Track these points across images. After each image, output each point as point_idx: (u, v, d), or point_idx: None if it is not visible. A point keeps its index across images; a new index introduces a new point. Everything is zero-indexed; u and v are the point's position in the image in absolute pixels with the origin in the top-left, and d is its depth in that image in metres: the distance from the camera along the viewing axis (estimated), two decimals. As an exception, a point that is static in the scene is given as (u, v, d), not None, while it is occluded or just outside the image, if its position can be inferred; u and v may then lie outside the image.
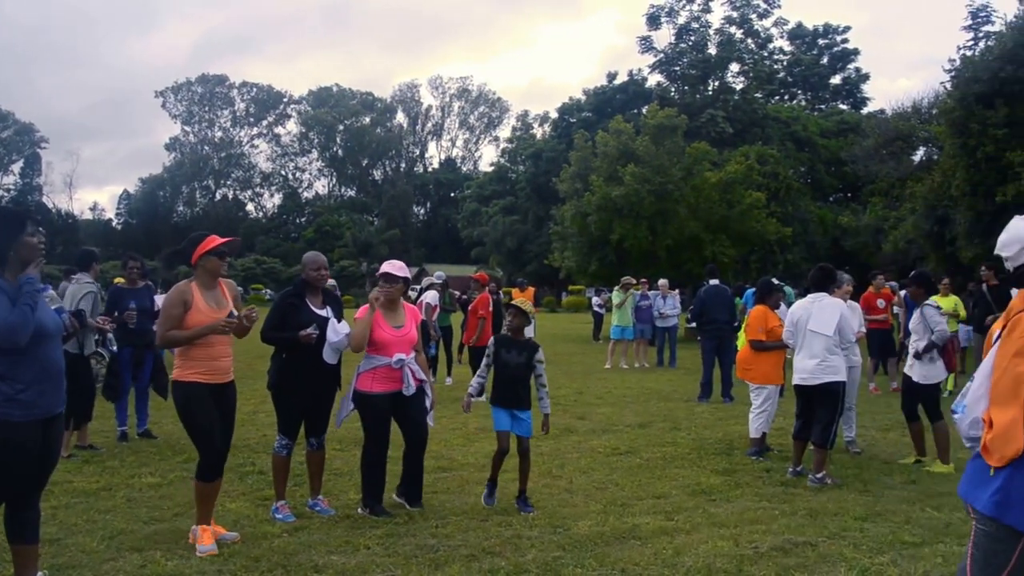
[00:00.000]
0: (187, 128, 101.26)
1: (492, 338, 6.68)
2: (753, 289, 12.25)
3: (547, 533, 5.87)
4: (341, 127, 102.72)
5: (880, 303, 14.12)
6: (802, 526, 6.05)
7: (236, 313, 5.47)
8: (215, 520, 5.74)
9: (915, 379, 8.28)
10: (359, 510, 6.33)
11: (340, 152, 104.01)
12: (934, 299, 13.67)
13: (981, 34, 34.22)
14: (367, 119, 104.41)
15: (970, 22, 42.26)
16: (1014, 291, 12.24)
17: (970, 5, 34.43)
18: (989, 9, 41.21)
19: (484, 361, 6.61)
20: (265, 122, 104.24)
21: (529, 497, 6.48)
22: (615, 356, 18.08)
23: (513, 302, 6.64)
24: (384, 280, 6.37)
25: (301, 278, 6.39)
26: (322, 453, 6.55)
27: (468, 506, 6.54)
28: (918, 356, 8.20)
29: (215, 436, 5.50)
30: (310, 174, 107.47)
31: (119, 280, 12.25)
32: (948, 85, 25.51)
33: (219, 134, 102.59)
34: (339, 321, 6.28)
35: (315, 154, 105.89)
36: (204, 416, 5.44)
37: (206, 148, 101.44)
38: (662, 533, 5.87)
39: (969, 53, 25.56)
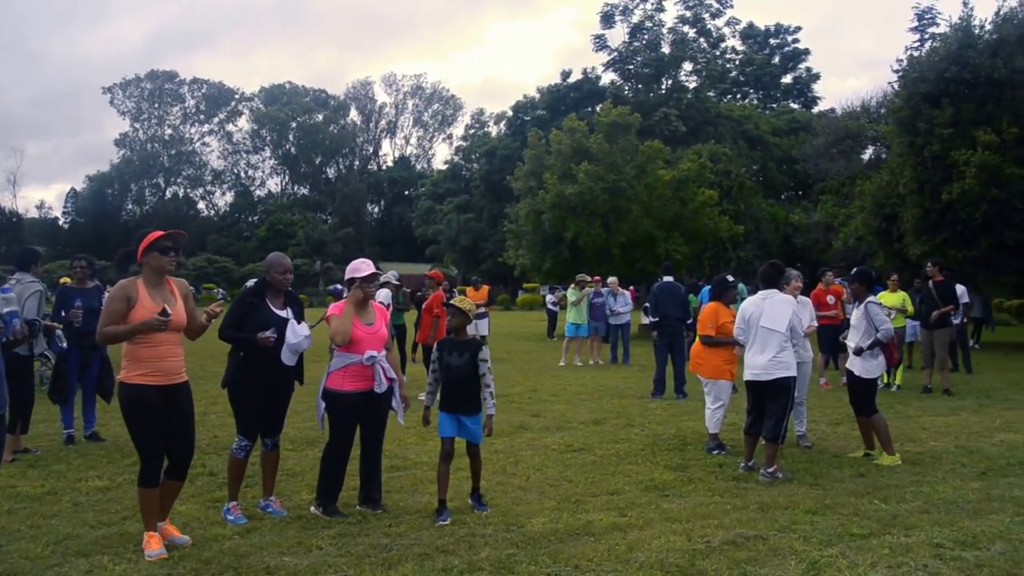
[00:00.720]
0: (136, 125, 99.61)
1: (436, 344, 6.49)
2: (709, 286, 12.35)
3: (501, 531, 5.85)
4: (294, 124, 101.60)
5: (830, 299, 14.31)
6: (753, 520, 6.10)
7: (169, 311, 5.31)
8: (170, 521, 5.64)
9: (856, 373, 8.41)
10: (311, 509, 6.25)
11: (293, 150, 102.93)
12: (883, 295, 14.01)
13: (927, 35, 34.81)
14: (320, 117, 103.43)
15: (916, 23, 42.97)
16: (959, 287, 12.62)
17: (916, 7, 35.06)
18: (934, 11, 41.90)
19: (431, 368, 6.44)
20: (216, 119, 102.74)
21: (483, 495, 6.44)
22: (569, 353, 18.12)
23: (451, 301, 6.49)
24: (364, 281, 6.32)
25: (263, 278, 6.30)
26: (276, 454, 6.46)
27: (422, 505, 6.50)
28: (858, 352, 8.33)
29: (159, 441, 5.36)
30: (263, 172, 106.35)
31: (66, 279, 12.02)
32: (896, 85, 25.98)
33: (169, 131, 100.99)
34: (299, 322, 6.21)
35: (268, 152, 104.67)
36: (147, 420, 5.30)
37: (155, 145, 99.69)
38: (615, 529, 5.87)
39: (916, 54, 26.06)
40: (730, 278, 9.34)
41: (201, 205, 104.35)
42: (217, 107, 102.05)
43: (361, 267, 6.39)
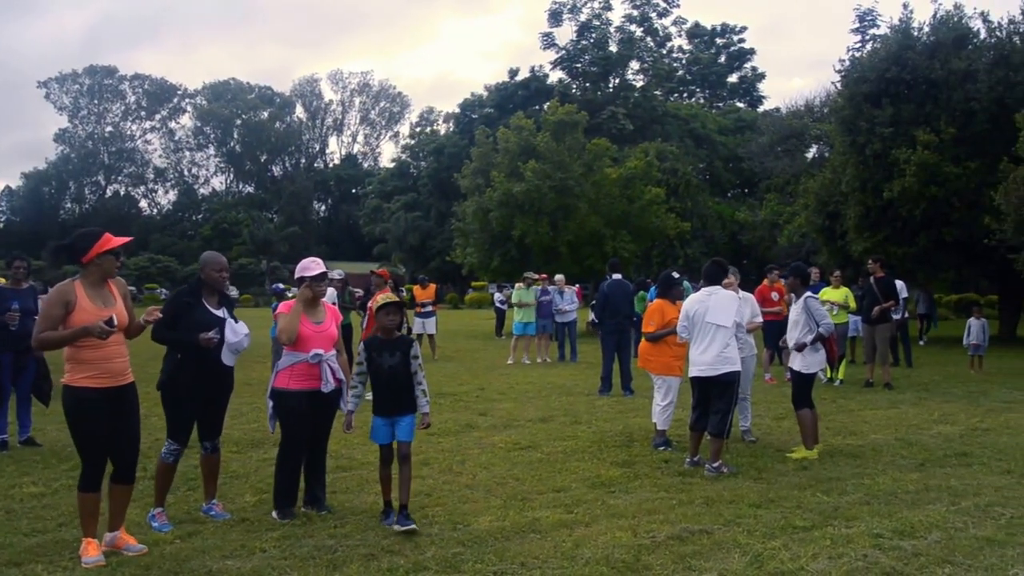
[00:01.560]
0: (76, 122, 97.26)
1: (362, 343, 6.24)
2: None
3: (447, 530, 5.82)
4: (239, 122, 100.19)
5: (774, 296, 14.49)
6: (698, 514, 6.14)
7: (115, 321, 5.18)
8: (125, 529, 5.48)
9: (796, 367, 8.52)
10: (272, 514, 6.13)
11: (238, 147, 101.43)
12: (825, 291, 14.23)
13: (868, 37, 35.49)
14: (265, 114, 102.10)
15: (858, 25, 43.79)
16: (898, 283, 12.82)
17: (858, 9, 35.74)
18: (875, 13, 42.77)
19: (356, 369, 6.11)
20: (159, 116, 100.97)
21: (411, 512, 5.98)
22: (517, 351, 18.13)
23: (384, 299, 6.20)
24: (314, 280, 6.23)
25: (198, 277, 6.16)
26: (216, 457, 6.33)
27: (367, 505, 6.44)
28: (800, 348, 8.43)
29: (102, 445, 5.23)
30: (207, 170, 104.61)
31: (1, 280, 11.70)
32: (838, 85, 26.42)
33: (109, 128, 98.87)
34: (236, 322, 6.10)
35: (212, 149, 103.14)
36: (91, 423, 5.16)
37: (95, 142, 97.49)
38: (562, 526, 5.87)
39: (857, 55, 26.51)
40: (676, 275, 9.40)
41: (143, 203, 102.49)
42: (159, 103, 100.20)
43: (311, 266, 6.30)
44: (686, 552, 5.28)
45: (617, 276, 13.56)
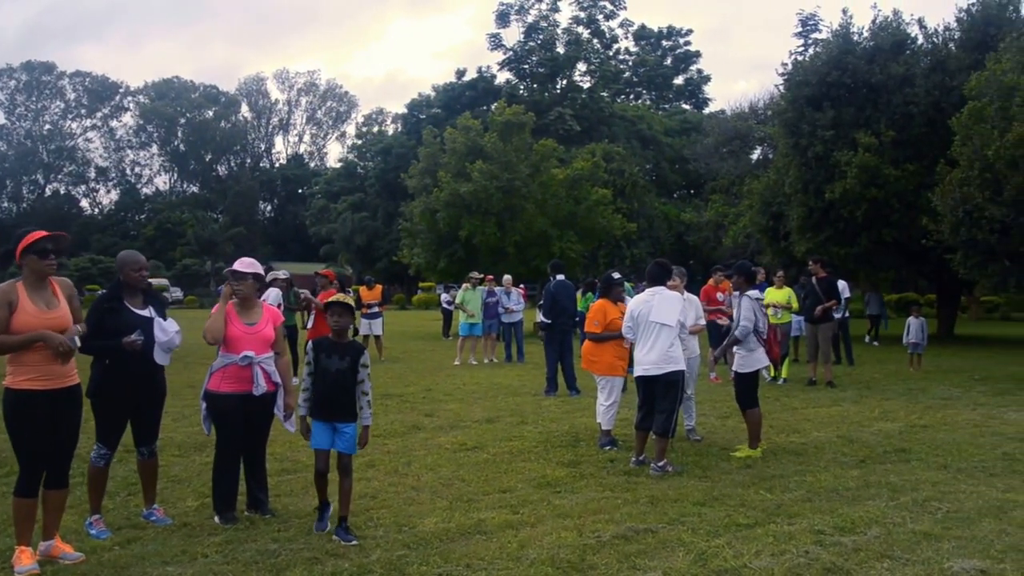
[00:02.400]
0: (12, 118, 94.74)
1: (312, 344, 6.03)
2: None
3: (392, 532, 5.77)
4: (183, 120, 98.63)
5: (720, 296, 14.63)
6: (643, 513, 6.16)
7: (78, 342, 5.05)
8: (60, 537, 5.34)
9: (734, 367, 8.61)
10: (215, 519, 6.04)
11: (182, 147, 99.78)
12: (769, 291, 14.41)
13: (810, 41, 36.12)
14: (210, 113, 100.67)
15: (800, 29, 44.52)
16: (841, 283, 13.03)
17: (800, 13, 36.31)
18: (817, 18, 43.56)
19: (305, 370, 5.88)
20: (100, 114, 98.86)
21: (352, 523, 5.82)
22: (464, 352, 18.08)
23: (333, 299, 6.02)
24: (232, 276, 6.13)
25: (118, 279, 5.98)
26: (154, 461, 6.19)
27: (312, 508, 6.32)
28: (716, 359, 8.51)
29: (42, 449, 5.09)
30: (150, 169, 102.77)
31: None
32: (781, 88, 26.84)
33: (48, 126, 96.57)
34: (164, 320, 5.96)
35: (155, 148, 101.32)
36: (31, 427, 5.01)
37: (32, 140, 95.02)
38: (507, 527, 5.86)
39: (800, 58, 26.93)
40: (616, 275, 9.45)
41: (84, 203, 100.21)
42: (101, 101, 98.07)
43: (237, 264, 6.19)
44: (631, 551, 5.30)
45: (561, 277, 13.58)
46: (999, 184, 14.69)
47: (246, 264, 6.20)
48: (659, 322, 7.72)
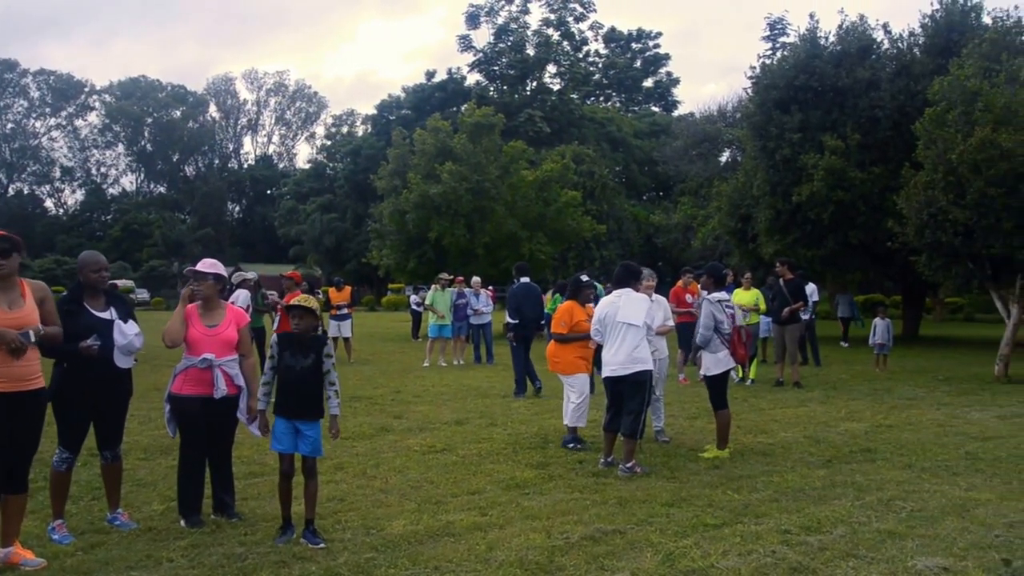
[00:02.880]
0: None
1: (274, 338, 5.85)
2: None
3: (360, 535, 5.74)
4: (149, 120, 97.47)
5: (688, 298, 14.69)
6: (612, 515, 6.18)
7: (40, 329, 4.97)
8: (20, 543, 5.24)
9: (702, 371, 8.66)
10: (180, 523, 5.97)
11: (149, 146, 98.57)
12: (737, 292, 14.49)
13: (778, 45, 36.42)
14: (178, 112, 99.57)
15: (768, 33, 44.92)
16: (810, 285, 13.11)
17: (768, 17, 36.69)
18: (785, 22, 43.98)
19: (268, 364, 5.75)
20: (64, 113, 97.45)
21: (319, 525, 5.80)
22: (433, 354, 18.04)
23: (295, 301, 5.92)
24: (192, 277, 6.06)
25: (78, 281, 5.89)
26: (118, 465, 6.12)
27: (279, 511, 6.28)
28: (699, 347, 8.55)
29: None
30: (116, 169, 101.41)
31: None
32: (749, 91, 27.00)
33: (11, 125, 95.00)
34: (125, 322, 5.86)
35: (121, 148, 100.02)
36: None
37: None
38: (476, 529, 5.85)
39: (768, 62, 27.12)
40: (584, 277, 9.49)
41: (49, 203, 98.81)
42: (65, 100, 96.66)
43: (198, 265, 6.13)
44: (599, 552, 5.31)
45: (525, 280, 13.58)
46: (962, 187, 14.88)
47: (207, 265, 6.14)
48: (626, 322, 7.75)
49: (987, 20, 22.17)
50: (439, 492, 6.92)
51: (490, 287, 22.48)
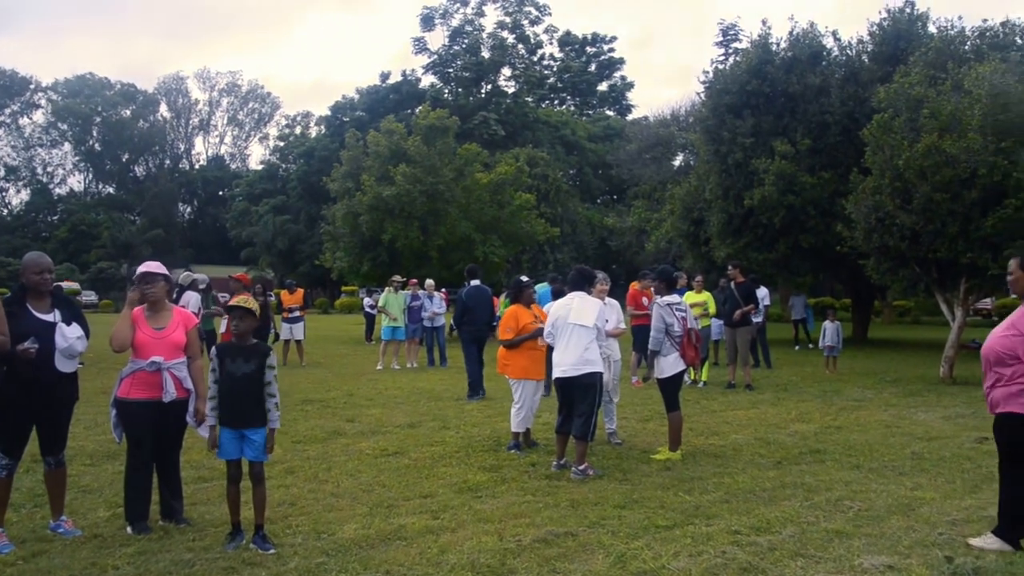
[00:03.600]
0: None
1: (216, 349, 5.78)
2: (549, 287, 12.50)
3: (311, 539, 5.69)
4: (98, 119, 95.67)
5: (645, 301, 14.76)
6: (564, 517, 6.19)
7: None
8: None
9: (655, 375, 8.70)
10: (127, 529, 5.86)
11: (97, 146, 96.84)
12: (688, 295, 14.61)
13: (731, 50, 36.80)
14: (127, 111, 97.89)
15: (721, 39, 45.38)
16: (761, 289, 13.25)
17: (721, 23, 37.00)
18: (737, 28, 44.48)
19: (211, 377, 5.64)
20: (8, 111, 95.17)
21: (269, 531, 5.72)
22: (387, 357, 17.94)
23: (234, 302, 5.85)
24: (142, 280, 5.95)
25: (21, 283, 5.76)
26: (62, 472, 5.99)
27: (228, 517, 6.21)
28: (654, 352, 8.59)
29: None
30: (63, 169, 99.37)
31: None
32: (702, 96, 27.23)
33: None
34: (69, 325, 5.74)
35: (68, 147, 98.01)
36: None
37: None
38: (428, 532, 5.82)
39: (721, 67, 27.37)
40: (524, 279, 9.49)
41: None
42: (9, 97, 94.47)
43: (140, 269, 6.03)
44: (551, 555, 5.31)
45: (475, 282, 13.55)
46: (909, 193, 15.13)
47: (154, 267, 6.04)
48: (577, 323, 7.77)
49: (933, 29, 22.56)
50: (391, 496, 6.87)
51: (443, 289, 22.41)
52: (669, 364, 8.52)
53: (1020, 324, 5.34)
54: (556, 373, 7.87)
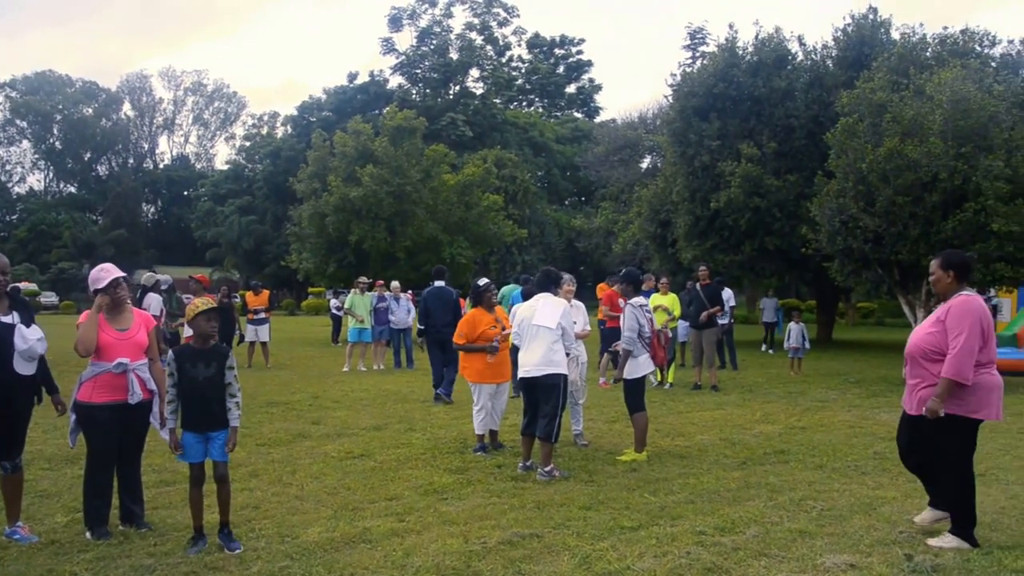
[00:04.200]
0: None
1: (171, 352, 5.75)
2: (519, 288, 12.48)
3: (275, 543, 5.63)
4: (58, 117, 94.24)
5: (621, 302, 14.77)
6: (529, 519, 6.18)
7: None
8: None
9: (622, 375, 8.73)
10: (86, 535, 5.77)
11: (58, 144, 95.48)
12: (654, 297, 14.67)
13: (698, 54, 37.00)
14: (89, 109, 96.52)
15: (689, 42, 45.65)
16: (726, 291, 13.39)
17: (689, 27, 37.24)
18: (705, 32, 44.77)
19: (169, 381, 5.55)
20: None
21: (233, 532, 5.68)
22: (353, 359, 17.84)
23: (199, 306, 5.73)
24: (112, 286, 5.84)
25: None
26: (19, 476, 5.87)
27: (191, 521, 6.14)
28: (627, 353, 8.62)
29: None
30: (22, 167, 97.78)
31: None
32: (670, 98, 27.39)
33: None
34: (28, 326, 5.65)
35: (27, 145, 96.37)
36: None
37: None
38: (393, 535, 5.79)
39: (688, 70, 27.53)
40: (483, 282, 9.46)
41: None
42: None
43: (101, 276, 5.87)
44: (516, 556, 5.30)
45: (439, 283, 13.47)
46: (872, 196, 15.32)
47: (112, 272, 5.93)
48: (540, 324, 7.79)
49: (895, 36, 22.85)
50: (356, 498, 6.83)
51: (410, 291, 22.33)
52: (640, 365, 8.56)
53: (945, 320, 5.50)
54: (520, 374, 7.87)
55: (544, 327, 7.76)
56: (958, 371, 5.31)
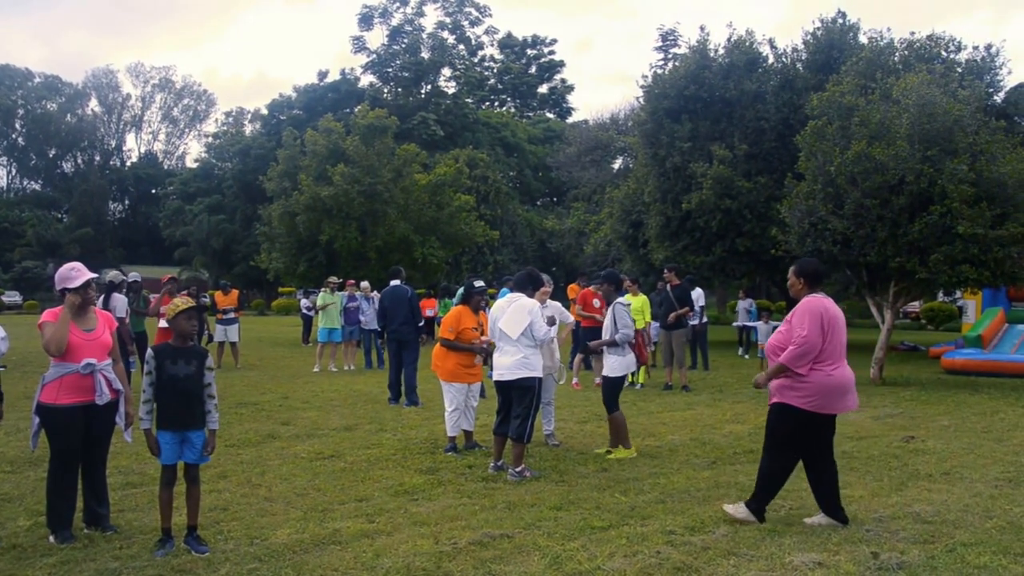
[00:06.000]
0: None
1: (150, 350, 5.68)
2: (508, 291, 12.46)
3: (243, 545, 5.59)
4: (20, 111, 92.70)
5: (596, 303, 14.79)
6: (500, 519, 6.18)
7: None
8: None
9: (604, 372, 8.77)
10: (49, 538, 5.68)
11: (21, 140, 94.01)
12: (626, 298, 14.71)
13: (670, 55, 37.15)
14: (54, 105, 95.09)
15: (661, 44, 45.84)
16: (696, 291, 13.49)
17: (661, 28, 37.37)
18: (677, 34, 44.99)
19: (146, 380, 5.46)
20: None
21: (201, 534, 5.63)
22: (323, 359, 17.75)
23: (180, 303, 5.65)
24: (86, 287, 5.77)
25: None
26: (-20, 479, 5.82)
27: (158, 523, 6.05)
28: (594, 349, 8.68)
29: None
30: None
31: None
32: (641, 100, 27.46)
33: None
34: None
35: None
36: None
37: None
38: (363, 536, 5.76)
39: (659, 72, 27.65)
40: (478, 284, 9.44)
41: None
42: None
43: (73, 275, 5.79)
44: (487, 557, 5.30)
45: (395, 282, 13.37)
46: (840, 198, 15.42)
47: (83, 272, 5.85)
48: (504, 330, 7.79)
49: (863, 40, 23.04)
50: (326, 499, 6.79)
51: (375, 291, 22.25)
52: (624, 364, 8.61)
53: (792, 320, 6.03)
54: (494, 375, 7.87)
55: (507, 334, 7.76)
56: (790, 359, 5.89)
